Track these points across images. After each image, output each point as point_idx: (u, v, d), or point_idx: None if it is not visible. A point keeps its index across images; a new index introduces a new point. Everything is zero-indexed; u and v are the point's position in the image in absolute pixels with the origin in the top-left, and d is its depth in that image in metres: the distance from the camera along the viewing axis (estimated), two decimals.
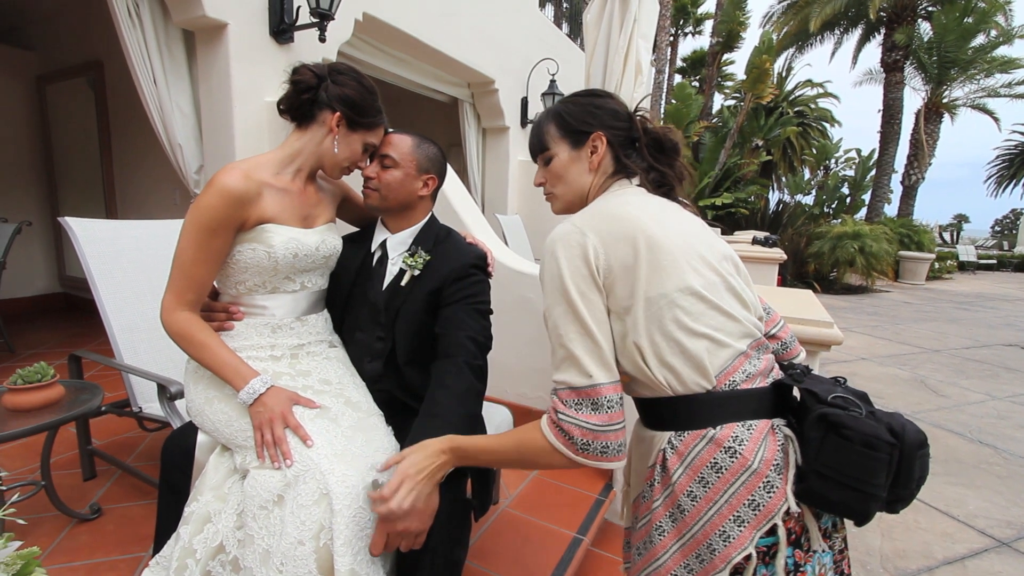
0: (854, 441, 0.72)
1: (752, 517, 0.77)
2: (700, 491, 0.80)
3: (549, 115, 1.04)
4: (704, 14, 21.23)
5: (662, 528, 0.84)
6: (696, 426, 0.82)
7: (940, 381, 4.75)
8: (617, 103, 1.02)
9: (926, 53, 13.15)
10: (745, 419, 0.81)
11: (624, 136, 1.00)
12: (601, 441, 0.80)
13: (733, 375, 0.83)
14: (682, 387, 0.83)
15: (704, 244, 0.90)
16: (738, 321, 0.86)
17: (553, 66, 5.54)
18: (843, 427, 0.73)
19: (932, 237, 13.45)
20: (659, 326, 0.82)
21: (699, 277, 0.85)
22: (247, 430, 1.05)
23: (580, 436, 0.80)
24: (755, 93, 11.63)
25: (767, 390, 0.85)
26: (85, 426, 1.99)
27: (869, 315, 8.12)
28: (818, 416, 0.76)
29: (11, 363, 3.26)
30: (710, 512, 0.79)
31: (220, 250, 1.10)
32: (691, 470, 0.81)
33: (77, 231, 1.90)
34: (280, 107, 1.20)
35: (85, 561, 1.55)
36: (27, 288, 4.62)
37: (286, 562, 0.91)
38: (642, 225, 0.86)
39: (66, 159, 4.62)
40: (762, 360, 0.87)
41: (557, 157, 1.02)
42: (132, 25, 2.64)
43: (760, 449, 0.79)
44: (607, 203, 0.93)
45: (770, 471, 0.78)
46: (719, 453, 0.79)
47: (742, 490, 0.78)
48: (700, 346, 0.82)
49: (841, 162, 17.56)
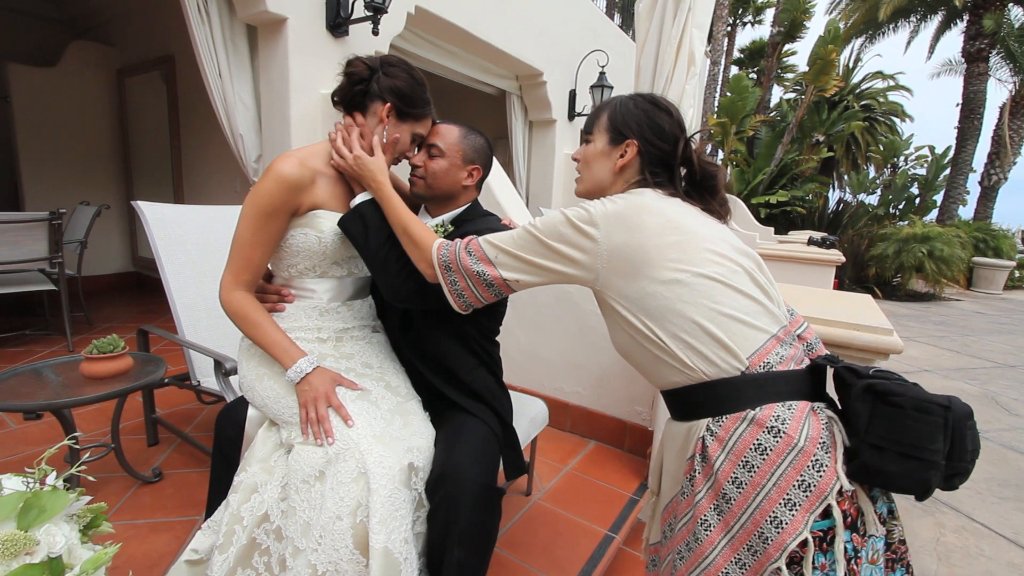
0: (906, 407, 0.70)
1: (804, 499, 0.74)
2: (745, 476, 0.78)
3: (610, 104, 1.06)
4: (765, 2, 20.22)
5: (707, 522, 0.81)
6: (734, 409, 0.81)
7: (1014, 399, 4.38)
8: (671, 122, 1.01)
9: (1016, 41, 12.02)
10: (784, 399, 0.80)
11: (658, 155, 1.00)
12: (462, 283, 0.98)
13: (767, 356, 0.82)
14: (714, 369, 0.82)
15: (721, 239, 0.91)
16: (763, 306, 0.86)
17: (603, 58, 5.45)
18: (892, 394, 0.72)
19: (1013, 243, 12.34)
20: (676, 310, 0.83)
21: (716, 266, 0.86)
22: (293, 407, 1.10)
23: (452, 262, 0.98)
24: (818, 85, 11.00)
25: (804, 372, 0.84)
26: (150, 396, 2.14)
27: (935, 324, 7.57)
28: (864, 387, 0.75)
29: (88, 334, 3.56)
30: (758, 498, 0.76)
31: (275, 233, 1.15)
32: (734, 455, 0.79)
33: (148, 214, 2.04)
34: (334, 98, 1.23)
35: (147, 520, 1.68)
36: (104, 267, 5.02)
37: (324, 535, 0.96)
38: (660, 214, 0.89)
39: (140, 147, 4.97)
40: (793, 346, 0.86)
41: (593, 144, 1.05)
42: (201, 21, 2.79)
43: (804, 427, 0.77)
44: (624, 196, 0.95)
45: (817, 449, 0.76)
46: (762, 434, 0.78)
47: (790, 470, 0.75)
48: (727, 327, 0.82)
49: (911, 160, 16.38)
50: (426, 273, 1.05)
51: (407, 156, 1.29)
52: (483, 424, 1.19)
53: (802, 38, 14.46)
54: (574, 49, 5.60)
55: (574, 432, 2.49)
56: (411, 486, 1.03)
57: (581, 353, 2.44)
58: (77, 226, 3.74)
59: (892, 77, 16.07)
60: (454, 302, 1.01)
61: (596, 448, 2.38)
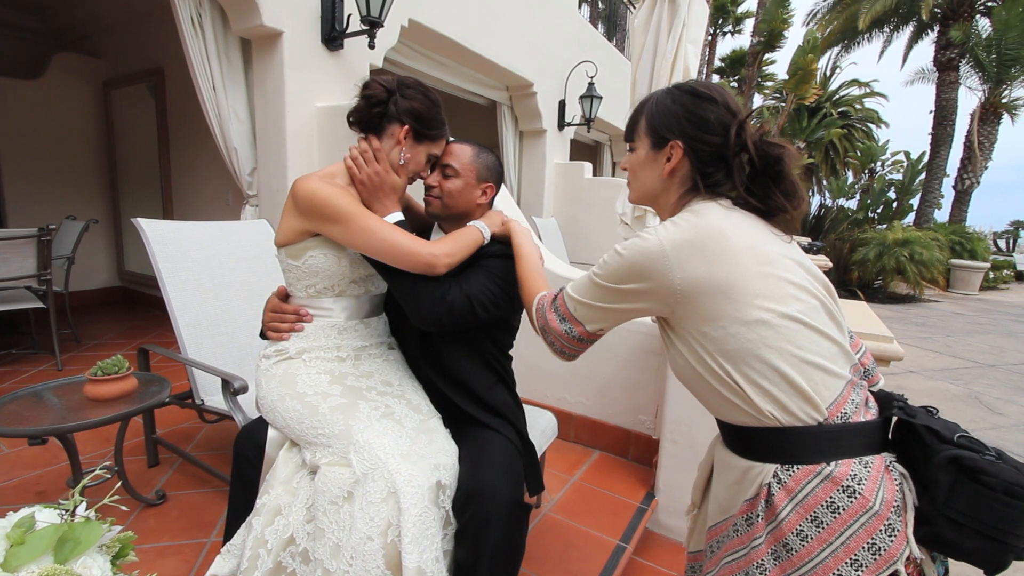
0: (996, 489, 0.67)
1: (872, 561, 0.72)
2: (812, 531, 0.75)
3: (647, 104, 0.97)
4: (744, 13, 20.70)
5: (763, 567, 0.78)
6: (807, 460, 0.76)
7: (996, 398, 4.51)
8: (717, 110, 0.90)
9: (984, 51, 12.48)
10: (859, 454, 0.76)
11: (710, 152, 0.90)
12: (559, 344, 0.98)
13: (844, 406, 0.78)
14: (790, 418, 0.77)
15: (796, 263, 0.84)
16: (840, 347, 0.81)
17: (592, 68, 5.53)
18: (982, 473, 0.68)
19: (987, 245, 12.75)
20: (758, 354, 0.78)
21: (798, 303, 0.80)
22: (317, 427, 1.10)
23: (546, 326, 0.98)
24: (798, 94, 11.28)
25: (877, 423, 0.80)
26: (151, 416, 2.10)
27: (917, 326, 7.77)
28: (949, 458, 0.70)
29: (76, 352, 3.48)
30: (823, 554, 0.74)
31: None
32: (803, 508, 0.76)
33: (148, 231, 2.01)
34: (350, 119, 1.24)
35: (154, 544, 1.65)
36: (91, 281, 4.91)
37: (356, 556, 0.95)
38: (735, 238, 0.81)
39: (127, 161, 4.89)
40: (862, 387, 0.83)
41: (636, 152, 0.98)
42: (195, 34, 2.78)
43: (880, 489, 0.74)
44: (688, 219, 0.86)
45: (891, 513, 0.73)
46: (836, 492, 0.74)
47: (861, 532, 0.73)
48: (809, 375, 0.77)
49: (888, 165, 16.86)
50: (535, 328, 1.04)
51: (422, 176, 1.30)
52: (506, 440, 1.20)
53: (781, 47, 14.82)
54: (563, 60, 5.68)
55: (578, 442, 2.51)
56: (439, 504, 1.04)
57: (584, 363, 2.46)
58: (64, 241, 3.66)
59: (868, 84, 16.56)
60: (560, 357, 1.01)
61: (601, 458, 2.39)
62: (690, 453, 1.96)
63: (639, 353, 2.31)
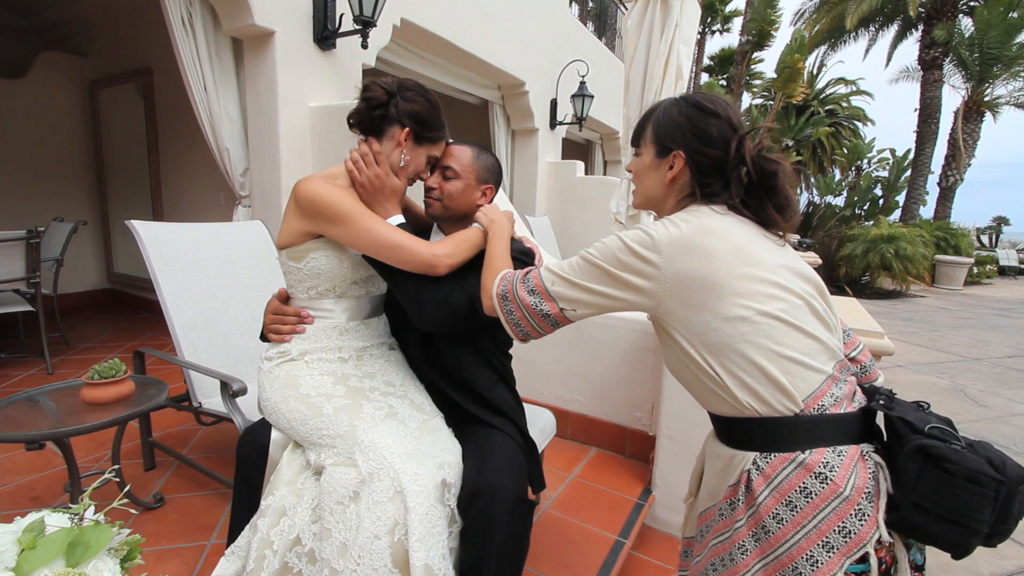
0: (958, 476, 0.70)
1: (842, 544, 0.76)
2: (787, 514, 0.79)
3: (654, 114, 1.02)
4: (732, 11, 20.83)
5: (744, 547, 0.83)
6: (783, 449, 0.81)
7: (981, 391, 4.61)
8: (719, 125, 0.94)
9: (967, 49, 12.69)
10: (835, 444, 0.81)
11: (710, 164, 0.94)
12: (518, 313, 0.96)
13: (822, 399, 0.82)
14: (767, 409, 0.82)
15: (783, 266, 0.88)
16: (823, 344, 0.85)
17: (583, 67, 5.55)
18: (945, 460, 0.71)
19: (971, 241, 12.99)
20: (737, 348, 0.82)
21: (780, 302, 0.84)
22: (321, 428, 1.11)
23: (508, 292, 0.98)
24: (786, 92, 11.40)
25: (856, 415, 0.84)
26: (147, 419, 2.09)
27: (904, 320, 7.90)
28: (916, 447, 0.74)
29: (66, 355, 3.44)
30: (797, 536, 0.78)
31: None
32: (778, 493, 0.80)
33: (142, 233, 2.00)
34: (350, 121, 1.25)
35: (153, 547, 1.64)
36: (78, 284, 4.85)
37: (363, 555, 0.97)
38: (726, 238, 0.86)
39: (115, 161, 4.83)
40: (847, 383, 0.86)
41: (641, 158, 1.03)
42: (185, 34, 2.76)
43: (851, 476, 0.78)
44: (687, 218, 0.91)
45: (862, 499, 0.77)
46: (809, 478, 0.78)
47: (832, 516, 0.77)
48: (787, 369, 0.81)
49: (874, 162, 17.08)
50: (485, 305, 1.03)
51: (422, 178, 1.31)
52: (509, 438, 1.21)
53: (769, 46, 14.95)
54: (555, 59, 5.69)
55: (575, 440, 2.53)
56: (444, 502, 1.05)
57: (580, 361, 2.48)
58: (52, 243, 3.61)
59: (854, 83, 16.76)
60: (511, 331, 0.99)
61: (598, 455, 2.42)
62: (686, 449, 1.99)
63: (634, 351, 2.34)
